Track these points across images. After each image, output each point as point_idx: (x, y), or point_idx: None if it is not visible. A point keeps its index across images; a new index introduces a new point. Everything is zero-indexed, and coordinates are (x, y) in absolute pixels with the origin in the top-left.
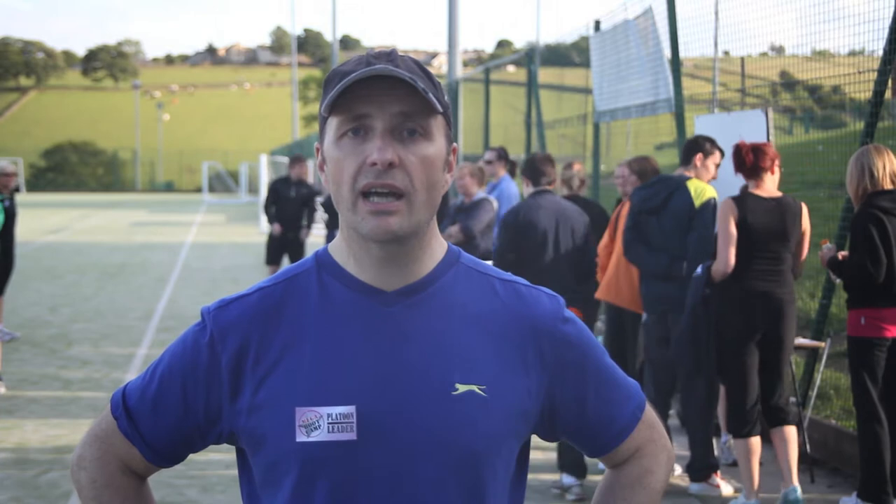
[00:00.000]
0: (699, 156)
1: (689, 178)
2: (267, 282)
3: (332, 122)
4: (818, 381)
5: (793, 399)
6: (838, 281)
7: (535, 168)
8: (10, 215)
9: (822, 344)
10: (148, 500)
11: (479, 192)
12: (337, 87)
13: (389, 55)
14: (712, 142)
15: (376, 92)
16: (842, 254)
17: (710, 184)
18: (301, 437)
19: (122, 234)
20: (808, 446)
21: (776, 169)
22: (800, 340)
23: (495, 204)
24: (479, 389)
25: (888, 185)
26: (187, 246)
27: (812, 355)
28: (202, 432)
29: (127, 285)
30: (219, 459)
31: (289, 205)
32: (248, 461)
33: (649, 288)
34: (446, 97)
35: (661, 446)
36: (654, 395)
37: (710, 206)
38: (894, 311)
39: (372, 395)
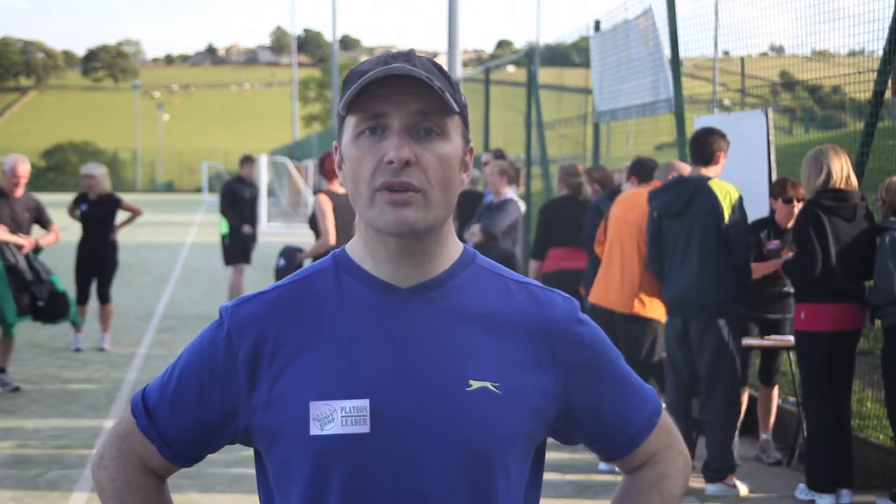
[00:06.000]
0: (721, 154)
1: (709, 179)
2: (284, 281)
3: (350, 121)
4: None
5: (792, 399)
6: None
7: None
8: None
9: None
10: (167, 501)
11: (508, 192)
12: (354, 86)
13: (407, 55)
14: (724, 135)
15: (393, 91)
16: (784, 251)
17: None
18: (315, 431)
19: (123, 234)
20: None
21: None
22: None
23: (522, 205)
24: (493, 386)
25: (842, 185)
26: (187, 246)
27: None
28: (218, 429)
29: (127, 285)
30: (219, 459)
31: (246, 205)
32: (264, 462)
33: (674, 292)
34: (463, 98)
35: (677, 452)
36: (675, 396)
37: (741, 207)
38: (831, 307)
39: (386, 389)
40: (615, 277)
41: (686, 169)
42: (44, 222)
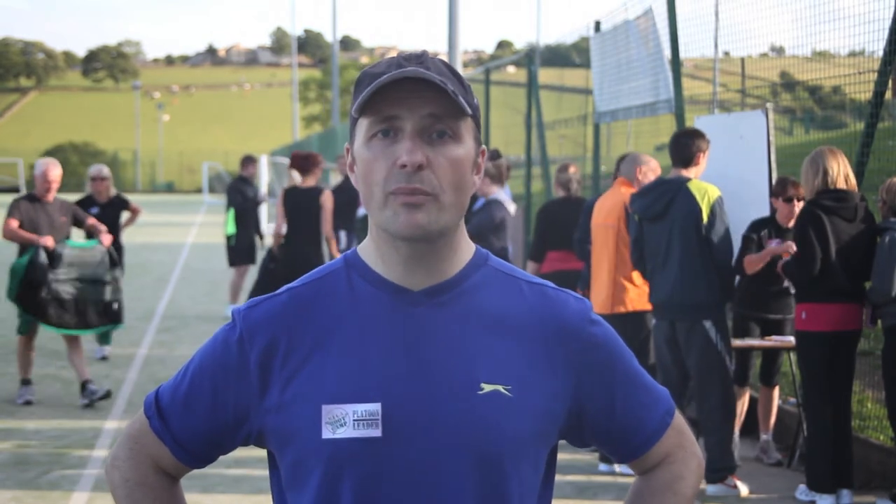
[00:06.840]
0: (702, 155)
1: (688, 180)
2: (297, 283)
3: (363, 124)
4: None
5: (792, 399)
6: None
7: None
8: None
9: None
10: (179, 501)
11: (495, 192)
12: (367, 88)
13: (420, 57)
14: (703, 135)
15: (406, 94)
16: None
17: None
18: (327, 434)
19: (123, 234)
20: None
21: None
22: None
23: (510, 205)
24: (505, 389)
25: (841, 185)
26: (188, 246)
27: None
28: (231, 431)
29: (127, 285)
30: (219, 459)
31: (251, 205)
32: (277, 464)
33: (658, 295)
34: (476, 99)
35: (691, 453)
36: None
37: (720, 207)
38: (831, 307)
39: (398, 393)
40: (598, 282)
41: (650, 161)
42: (81, 221)
